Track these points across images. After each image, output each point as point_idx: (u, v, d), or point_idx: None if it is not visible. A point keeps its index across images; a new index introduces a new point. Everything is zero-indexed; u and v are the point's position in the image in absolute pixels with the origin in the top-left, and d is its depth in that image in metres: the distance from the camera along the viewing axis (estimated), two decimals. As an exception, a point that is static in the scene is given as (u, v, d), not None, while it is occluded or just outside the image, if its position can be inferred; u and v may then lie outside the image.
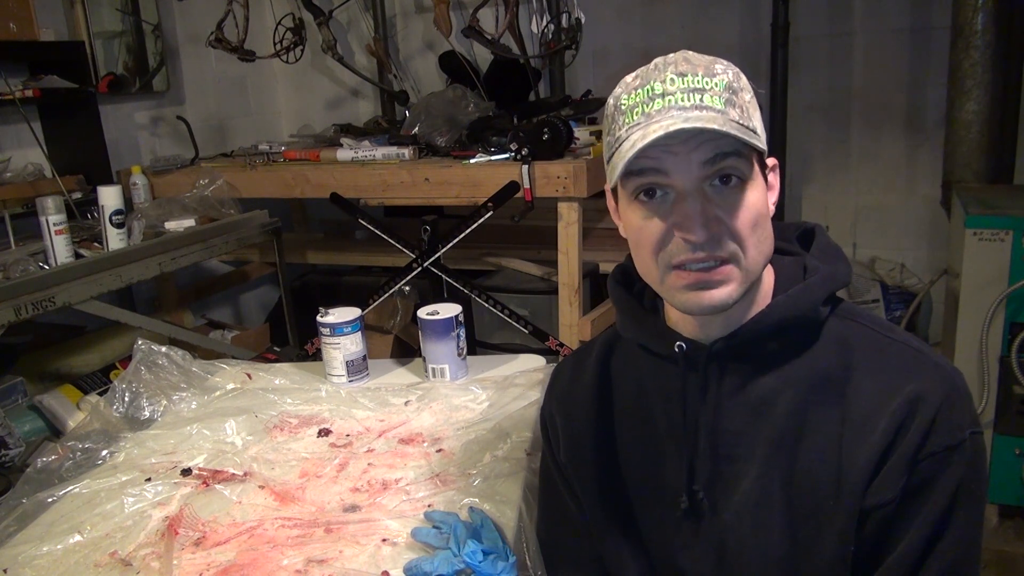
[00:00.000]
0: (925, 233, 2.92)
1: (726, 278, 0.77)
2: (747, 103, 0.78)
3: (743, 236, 0.77)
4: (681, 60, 0.77)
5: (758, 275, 0.81)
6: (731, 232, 0.76)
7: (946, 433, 0.75)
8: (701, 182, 0.76)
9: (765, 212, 0.80)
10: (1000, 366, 2.14)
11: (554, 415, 1.01)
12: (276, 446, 1.29)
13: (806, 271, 0.86)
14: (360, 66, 3.35)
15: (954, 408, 0.76)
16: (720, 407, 0.84)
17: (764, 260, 0.81)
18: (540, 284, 2.55)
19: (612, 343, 0.98)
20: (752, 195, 0.77)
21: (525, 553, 1.00)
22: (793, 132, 2.84)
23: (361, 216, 2.35)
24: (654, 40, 3.10)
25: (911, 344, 0.82)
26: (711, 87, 0.75)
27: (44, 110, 2.45)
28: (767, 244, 0.80)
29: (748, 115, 0.77)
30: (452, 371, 1.51)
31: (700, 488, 0.85)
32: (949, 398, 0.77)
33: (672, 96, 0.75)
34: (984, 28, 2.34)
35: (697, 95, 0.75)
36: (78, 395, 2.08)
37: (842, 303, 0.86)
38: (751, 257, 0.78)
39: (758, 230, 0.78)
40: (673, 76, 0.76)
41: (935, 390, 0.77)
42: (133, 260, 2.04)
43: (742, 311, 0.83)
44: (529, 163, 2.13)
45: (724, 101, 0.75)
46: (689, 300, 0.78)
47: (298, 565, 0.97)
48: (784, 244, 0.90)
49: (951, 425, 0.76)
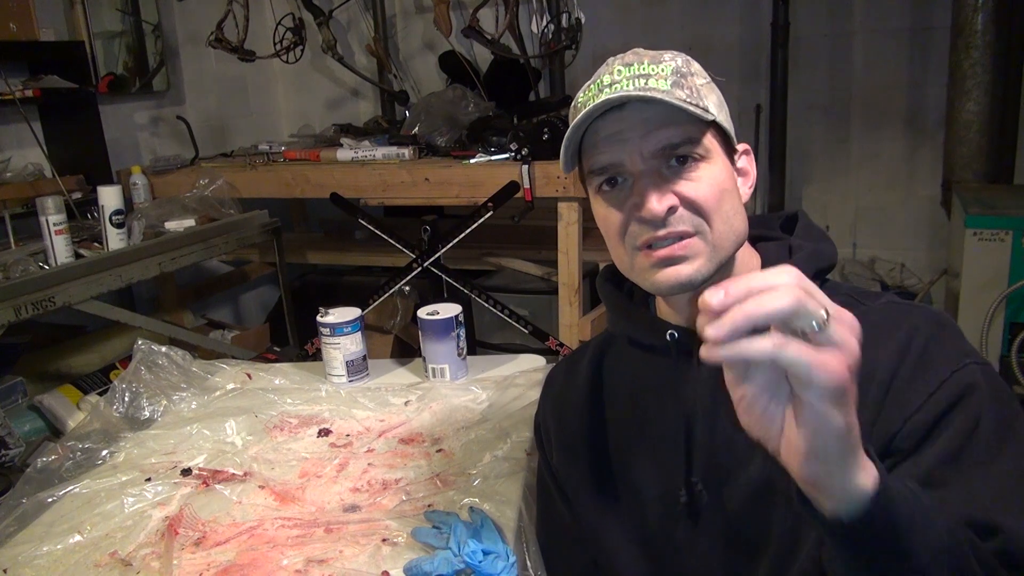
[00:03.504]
0: (925, 233, 2.92)
1: (691, 252, 0.77)
2: (699, 86, 0.79)
3: (706, 209, 0.77)
4: (630, 54, 0.80)
5: (728, 253, 0.80)
6: (692, 206, 0.77)
7: (945, 358, 0.73)
8: (656, 163, 0.77)
9: (730, 188, 0.80)
10: (1000, 366, 2.14)
11: (547, 420, 1.01)
12: (276, 446, 1.29)
13: (791, 252, 0.86)
14: (360, 66, 3.35)
15: (946, 335, 0.75)
16: (716, 394, 0.83)
17: (734, 236, 0.80)
18: (540, 284, 2.55)
19: (605, 345, 0.98)
20: (712, 171, 0.78)
21: (525, 553, 1.00)
22: (793, 132, 2.85)
23: (361, 216, 2.35)
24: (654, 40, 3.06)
25: (893, 300, 0.82)
26: (656, 72, 0.77)
27: (44, 110, 2.45)
28: (737, 221, 0.80)
29: (698, 96, 0.78)
30: (452, 371, 1.51)
31: (698, 480, 0.84)
32: (938, 328, 0.76)
33: (618, 83, 0.77)
34: (984, 28, 2.34)
35: (642, 80, 0.77)
36: (78, 395, 2.08)
37: (829, 281, 0.86)
38: (717, 230, 0.77)
39: (723, 204, 0.78)
40: (620, 67, 0.79)
41: (923, 323, 0.76)
42: (133, 260, 2.04)
43: None
44: (529, 163, 2.13)
45: (671, 84, 0.77)
46: (658, 279, 0.78)
47: (298, 565, 0.97)
48: (768, 232, 0.90)
49: (948, 350, 0.74)
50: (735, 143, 0.83)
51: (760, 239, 0.89)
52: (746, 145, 0.86)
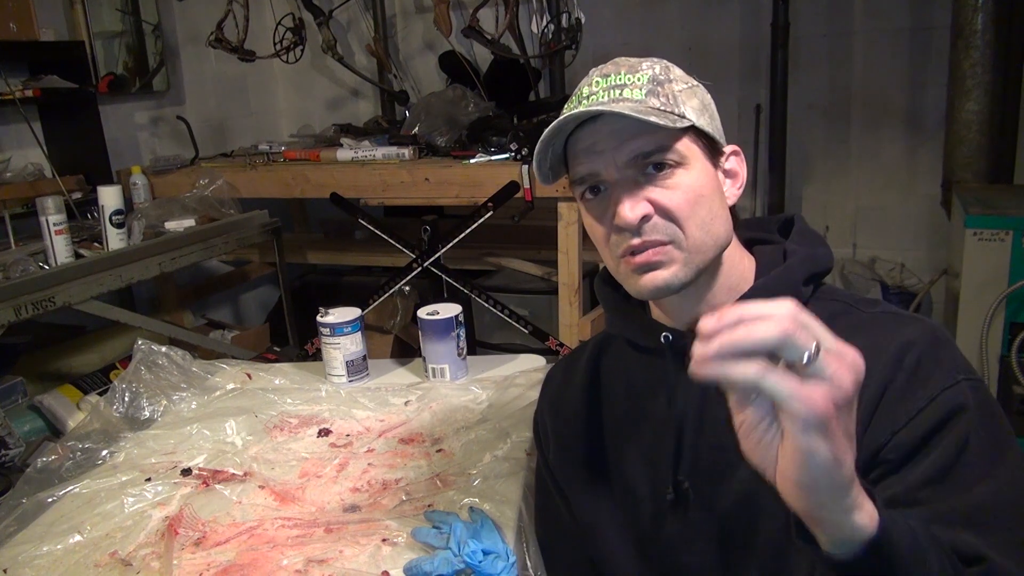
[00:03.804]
0: (925, 233, 2.92)
1: (666, 259, 0.78)
2: (676, 92, 0.80)
3: (680, 217, 0.78)
4: (609, 64, 0.82)
5: (709, 256, 0.80)
6: (666, 213, 0.78)
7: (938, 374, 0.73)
8: (631, 172, 0.79)
9: (708, 194, 0.80)
10: (1000, 366, 2.14)
11: (545, 418, 1.02)
12: (276, 446, 1.29)
13: (786, 256, 0.86)
14: (360, 66, 3.35)
15: (940, 351, 0.75)
16: (708, 396, 0.84)
17: (713, 241, 0.80)
18: (540, 284, 2.55)
19: (603, 345, 0.99)
20: (689, 177, 0.79)
21: (525, 553, 1.01)
22: (793, 132, 2.84)
23: (361, 216, 2.35)
24: (654, 40, 3.11)
25: (890, 310, 0.83)
26: (632, 82, 0.79)
27: (44, 110, 2.45)
28: (716, 224, 0.80)
29: (674, 102, 0.79)
30: (452, 371, 1.51)
31: (685, 478, 0.85)
32: (933, 343, 0.76)
33: (595, 95, 0.80)
34: (984, 28, 2.34)
35: (617, 90, 0.79)
36: (78, 395, 2.08)
37: (824, 285, 0.87)
38: (693, 236, 0.78)
39: (699, 210, 0.79)
40: (598, 78, 0.81)
41: (919, 337, 0.76)
42: (133, 260, 2.04)
43: (723, 297, 0.84)
44: (529, 163, 2.13)
45: (646, 92, 0.78)
46: (638, 284, 0.80)
47: (298, 565, 0.97)
48: (765, 235, 0.91)
49: (941, 366, 0.74)
50: (721, 146, 0.84)
51: (757, 242, 0.89)
52: (735, 147, 0.86)
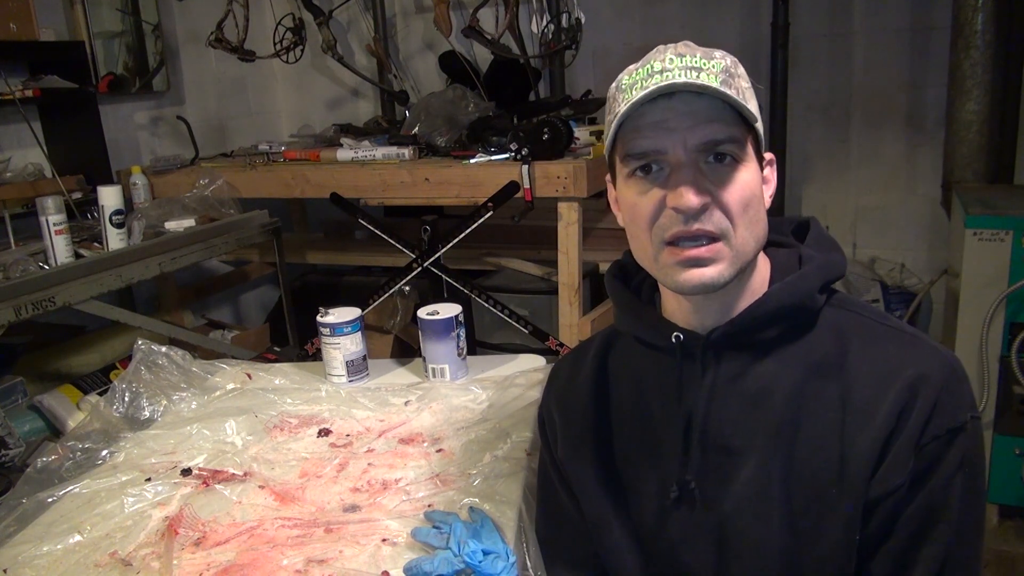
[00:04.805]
0: (925, 233, 2.91)
1: (716, 256, 0.78)
2: (744, 88, 0.80)
3: (733, 213, 0.78)
4: (681, 45, 0.80)
5: (749, 258, 0.81)
6: (722, 207, 0.77)
7: (948, 415, 0.76)
8: (696, 157, 0.77)
9: (758, 195, 0.81)
10: (1000, 366, 2.14)
11: (552, 412, 1.01)
12: (276, 446, 1.29)
13: (802, 261, 0.86)
14: (360, 66, 3.35)
15: (955, 390, 0.77)
16: (715, 396, 0.84)
17: (755, 243, 0.81)
18: (540, 284, 2.54)
19: (610, 340, 0.99)
20: (745, 175, 0.79)
21: (525, 553, 1.00)
22: (793, 132, 2.84)
23: (361, 216, 2.35)
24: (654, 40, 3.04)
25: (906, 330, 0.83)
26: (708, 67, 0.77)
27: (44, 110, 2.45)
28: (759, 228, 0.81)
29: (744, 98, 0.79)
30: (452, 371, 1.51)
31: (691, 478, 0.85)
32: (949, 381, 0.77)
33: (670, 72, 0.77)
34: (984, 28, 2.34)
35: (694, 72, 0.77)
36: (78, 395, 2.08)
37: (838, 293, 0.87)
38: (740, 236, 0.78)
39: (749, 211, 0.79)
40: (672, 56, 0.78)
41: (936, 373, 0.77)
42: (133, 260, 2.04)
43: (738, 300, 0.84)
44: (529, 163, 2.13)
45: (720, 81, 0.77)
46: (681, 278, 0.79)
47: (298, 565, 0.97)
48: (780, 237, 0.91)
49: (953, 407, 0.76)
50: (764, 149, 0.84)
51: (771, 244, 0.89)
52: (772, 155, 0.86)
